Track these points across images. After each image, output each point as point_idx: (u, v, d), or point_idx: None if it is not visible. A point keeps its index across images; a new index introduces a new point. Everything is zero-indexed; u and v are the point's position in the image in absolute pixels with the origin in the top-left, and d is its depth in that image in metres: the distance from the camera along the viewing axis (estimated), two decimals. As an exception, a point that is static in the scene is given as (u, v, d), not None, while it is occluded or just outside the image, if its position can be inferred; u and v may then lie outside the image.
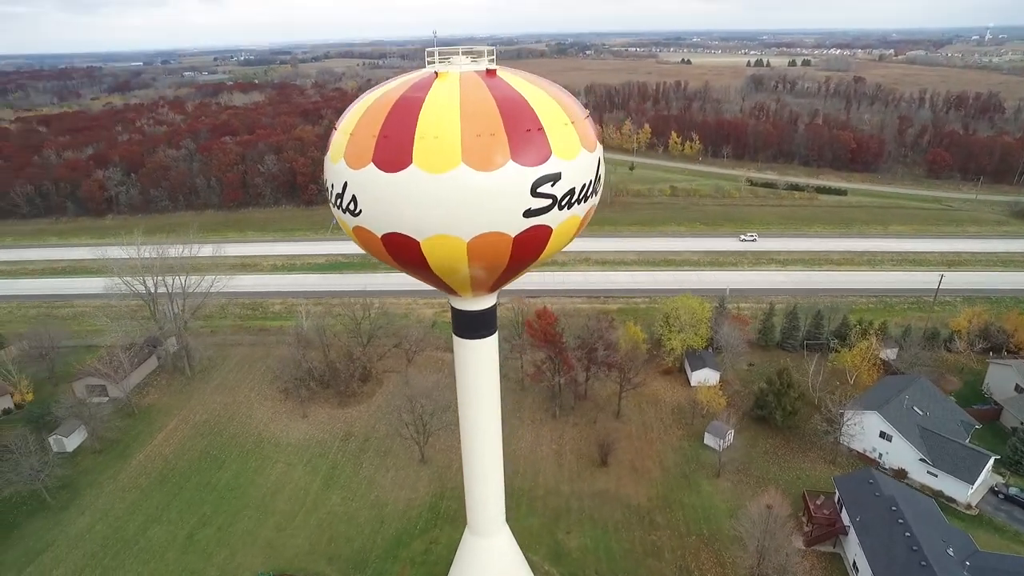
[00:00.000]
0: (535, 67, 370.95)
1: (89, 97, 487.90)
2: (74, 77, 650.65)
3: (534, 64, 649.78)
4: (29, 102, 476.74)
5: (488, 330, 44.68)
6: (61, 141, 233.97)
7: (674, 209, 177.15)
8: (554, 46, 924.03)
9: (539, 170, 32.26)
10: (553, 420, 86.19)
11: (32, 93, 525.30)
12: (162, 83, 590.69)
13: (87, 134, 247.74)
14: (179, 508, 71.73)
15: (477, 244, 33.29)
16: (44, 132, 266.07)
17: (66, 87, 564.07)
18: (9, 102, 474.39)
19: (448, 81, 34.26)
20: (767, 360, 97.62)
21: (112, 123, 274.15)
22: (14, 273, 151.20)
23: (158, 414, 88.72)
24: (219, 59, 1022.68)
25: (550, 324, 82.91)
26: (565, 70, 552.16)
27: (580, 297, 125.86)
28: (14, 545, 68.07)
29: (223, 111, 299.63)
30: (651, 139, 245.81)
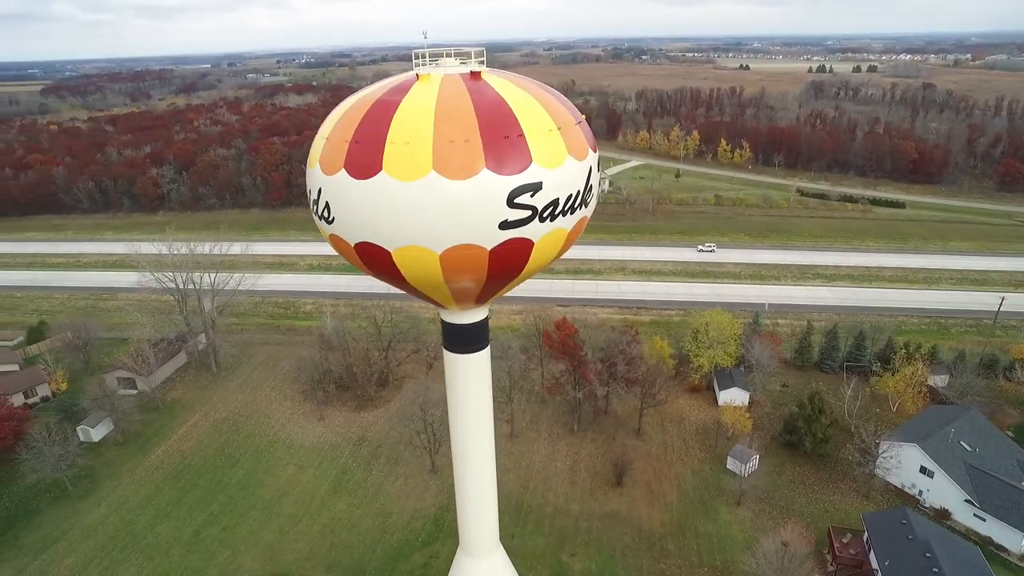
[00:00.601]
0: (588, 71, 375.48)
1: (157, 98, 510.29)
2: (147, 79, 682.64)
3: (587, 69, 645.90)
4: (105, 103, 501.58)
5: (479, 344, 42.77)
6: (123, 140, 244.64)
7: (718, 219, 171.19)
8: (610, 51, 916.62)
9: (517, 179, 30.08)
10: (571, 435, 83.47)
11: (108, 94, 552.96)
12: (226, 84, 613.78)
13: (148, 133, 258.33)
14: (189, 505, 72.34)
15: (451, 256, 31.34)
16: (110, 131, 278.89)
17: (139, 88, 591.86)
18: (87, 103, 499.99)
19: (428, 84, 32.49)
20: (803, 381, 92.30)
21: (172, 123, 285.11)
22: (70, 265, 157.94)
23: (181, 409, 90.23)
24: (281, 61, 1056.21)
25: (569, 335, 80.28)
26: (618, 75, 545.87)
27: (612, 307, 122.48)
28: (34, 531, 69.94)
29: (276, 112, 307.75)
30: (700, 146, 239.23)
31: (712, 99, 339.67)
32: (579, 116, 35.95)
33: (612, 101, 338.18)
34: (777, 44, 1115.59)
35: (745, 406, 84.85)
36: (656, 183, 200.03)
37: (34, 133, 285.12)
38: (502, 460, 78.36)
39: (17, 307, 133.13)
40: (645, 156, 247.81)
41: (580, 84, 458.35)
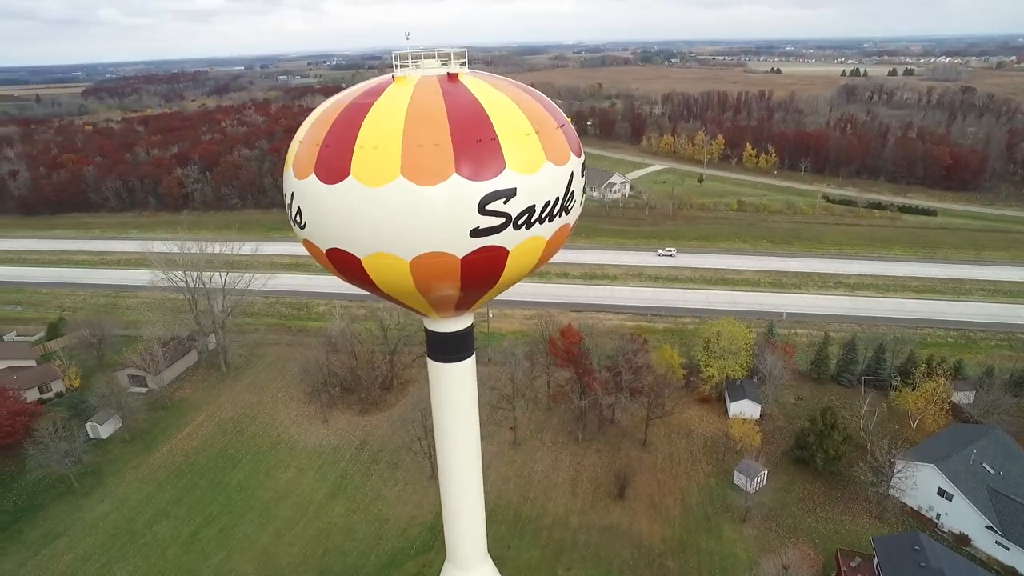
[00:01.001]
0: (616, 74, 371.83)
1: (190, 99, 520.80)
2: (181, 81, 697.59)
3: (616, 72, 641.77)
4: (140, 104, 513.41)
5: (464, 353, 41.66)
6: (152, 140, 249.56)
7: (739, 225, 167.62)
8: (639, 54, 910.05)
9: (489, 185, 28.82)
10: (575, 444, 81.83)
11: (144, 96, 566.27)
12: (257, 86, 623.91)
13: (176, 134, 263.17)
14: (189, 505, 72.53)
15: (421, 264, 30.23)
16: (141, 131, 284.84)
17: (173, 90, 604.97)
18: (123, 104, 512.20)
19: (403, 86, 31.48)
20: (819, 394, 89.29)
21: (200, 123, 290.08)
22: (95, 263, 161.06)
23: (188, 408, 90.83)
24: (312, 64, 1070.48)
25: (574, 343, 78.76)
26: (647, 78, 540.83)
27: (626, 314, 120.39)
28: (38, 525, 70.80)
29: (303, 112, 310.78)
30: (724, 151, 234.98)
31: (740, 103, 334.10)
32: (562, 119, 34.44)
33: (638, 104, 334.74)
34: (810, 47, 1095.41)
35: (756, 419, 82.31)
36: (678, 188, 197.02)
37: (70, 134, 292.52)
38: (503, 468, 77.69)
39: (42, 303, 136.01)
40: (669, 160, 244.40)
41: (607, 87, 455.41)
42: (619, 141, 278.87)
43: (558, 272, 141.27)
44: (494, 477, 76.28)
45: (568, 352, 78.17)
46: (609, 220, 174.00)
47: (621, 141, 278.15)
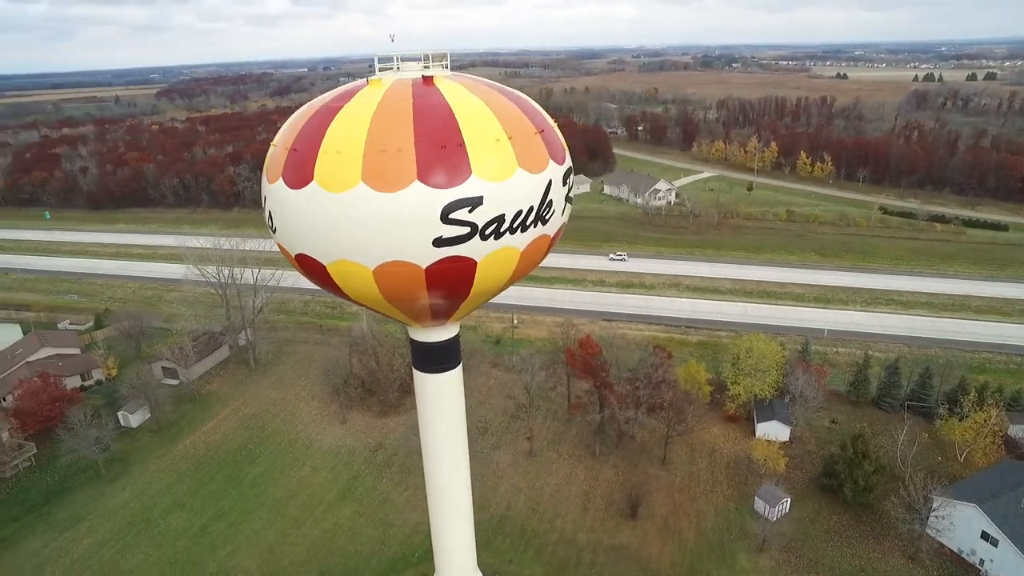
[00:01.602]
0: (673, 79, 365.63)
1: (253, 100, 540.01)
2: (247, 82, 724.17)
3: (673, 76, 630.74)
4: (207, 104, 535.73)
5: (449, 363, 40.48)
6: (210, 139, 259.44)
7: (787, 236, 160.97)
8: (699, 59, 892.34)
9: (453, 193, 27.51)
10: (592, 458, 79.51)
11: (211, 97, 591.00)
12: (318, 87, 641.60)
13: (233, 133, 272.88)
14: (204, 497, 73.87)
15: (384, 273, 29.24)
16: (201, 131, 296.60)
17: (238, 91, 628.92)
18: (191, 105, 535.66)
19: (376, 89, 30.62)
20: (856, 419, 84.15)
21: (257, 124, 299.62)
22: (148, 256, 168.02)
23: (215, 402, 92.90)
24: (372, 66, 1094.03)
25: (592, 355, 76.52)
26: (705, 83, 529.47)
27: (660, 325, 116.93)
28: (65, 508, 73.49)
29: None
30: (777, 158, 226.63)
31: (799, 109, 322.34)
32: (544, 124, 32.62)
33: (691, 110, 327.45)
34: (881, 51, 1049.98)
35: (785, 441, 78.14)
36: (726, 196, 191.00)
37: (138, 133, 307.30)
38: (516, 479, 76.14)
39: (96, 293, 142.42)
40: (719, 167, 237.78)
41: (663, 92, 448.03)
42: (670, 147, 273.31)
43: (594, 280, 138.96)
44: (505, 488, 74.95)
45: (586, 363, 76.00)
46: (651, 228, 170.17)
47: (672, 147, 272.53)
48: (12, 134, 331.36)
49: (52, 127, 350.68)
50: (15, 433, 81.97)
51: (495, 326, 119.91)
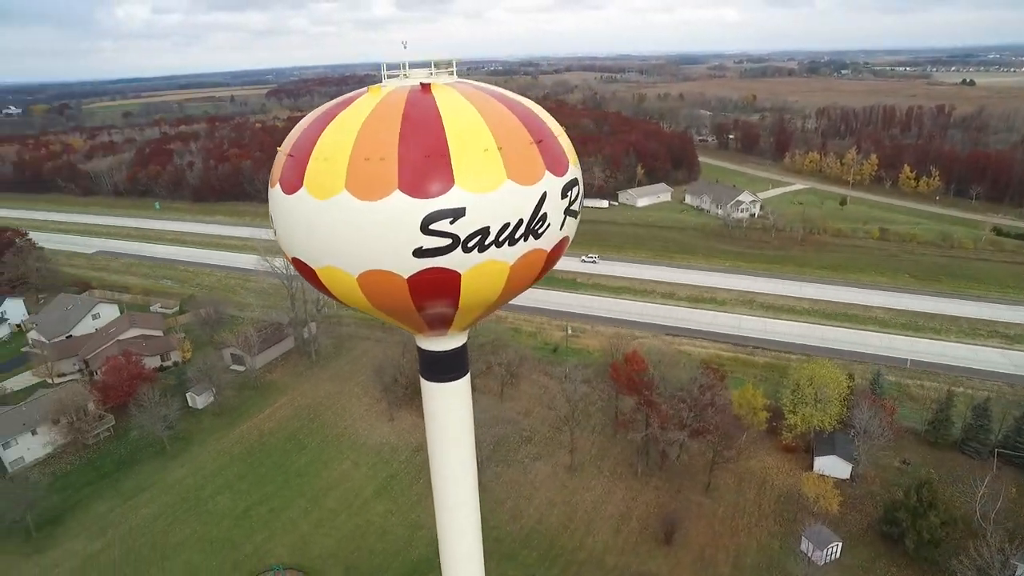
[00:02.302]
0: (775, 86, 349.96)
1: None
2: (349, 83, 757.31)
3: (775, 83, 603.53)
4: (311, 104, 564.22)
5: (453, 373, 39.77)
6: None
7: (879, 256, 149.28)
8: (805, 64, 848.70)
9: (434, 203, 26.77)
10: (634, 478, 76.79)
11: (315, 97, 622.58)
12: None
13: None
14: (251, 481, 77.29)
15: (367, 281, 29.05)
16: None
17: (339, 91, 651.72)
18: (296, 104, 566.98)
19: (372, 97, 30.51)
20: (934, 462, 76.55)
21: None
22: (237, 247, 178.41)
23: (274, 391, 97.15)
24: (471, 69, 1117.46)
25: (637, 370, 73.82)
26: (810, 90, 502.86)
27: (725, 343, 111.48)
28: (131, 478, 79.24)
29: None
30: (878, 171, 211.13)
31: (909, 118, 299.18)
32: (545, 135, 31.30)
33: (788, 118, 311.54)
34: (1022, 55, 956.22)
35: (844, 479, 72.31)
36: (815, 210, 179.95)
37: (242, 131, 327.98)
38: (552, 492, 74.70)
39: (187, 280, 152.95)
40: (812, 180, 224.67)
41: (762, 99, 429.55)
42: (761, 157, 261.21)
43: (663, 292, 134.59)
44: (540, 500, 73.73)
45: (631, 379, 73.43)
46: (730, 241, 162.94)
47: (763, 157, 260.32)
48: (139, 131, 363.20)
49: (172, 125, 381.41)
50: (99, 405, 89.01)
51: (555, 334, 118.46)
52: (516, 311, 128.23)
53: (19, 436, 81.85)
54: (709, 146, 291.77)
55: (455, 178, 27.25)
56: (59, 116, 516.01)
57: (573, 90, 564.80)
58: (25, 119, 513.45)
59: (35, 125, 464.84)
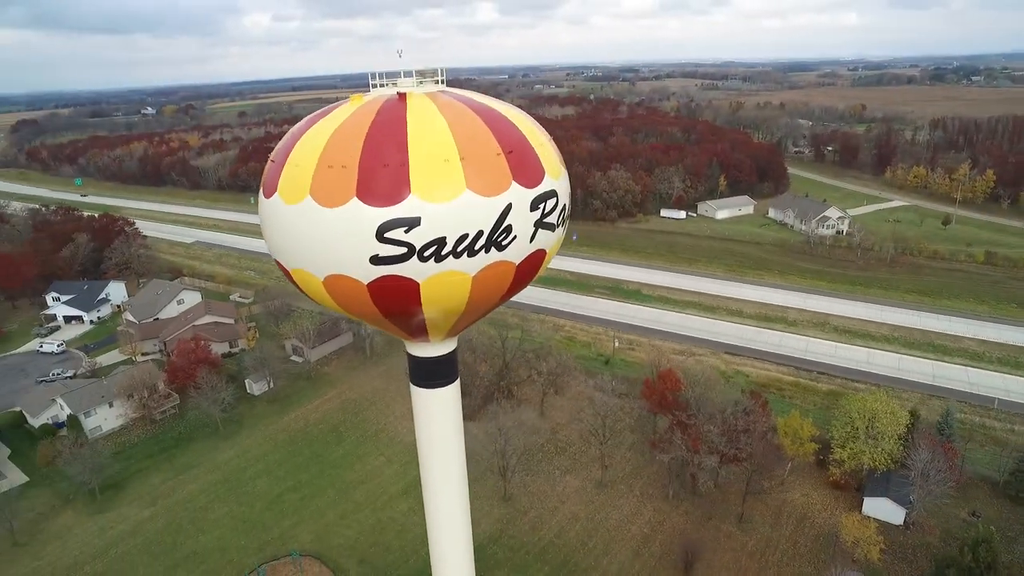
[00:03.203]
0: (890, 95, 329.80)
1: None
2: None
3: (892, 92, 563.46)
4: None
5: (442, 379, 40.19)
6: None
7: (981, 281, 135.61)
8: (929, 71, 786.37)
9: (389, 212, 27.35)
10: (664, 500, 73.86)
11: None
12: (513, 93, 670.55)
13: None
14: (288, 468, 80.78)
15: (332, 285, 30.05)
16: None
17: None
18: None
19: (351, 106, 31.47)
20: (1012, 519, 68.63)
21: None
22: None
23: (325, 383, 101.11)
24: (571, 74, 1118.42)
25: (671, 389, 70.93)
26: (928, 100, 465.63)
27: (788, 367, 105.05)
28: (184, 454, 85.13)
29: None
30: (994, 189, 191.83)
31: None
32: (518, 146, 30.87)
33: (897, 129, 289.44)
34: None
35: (897, 525, 66.20)
36: (914, 229, 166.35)
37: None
38: (576, 507, 73.30)
39: (268, 272, 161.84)
40: (915, 196, 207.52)
41: (873, 108, 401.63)
42: (860, 170, 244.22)
43: (730, 309, 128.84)
44: (563, 514, 72.45)
45: (663, 398, 70.67)
46: (811, 258, 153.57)
47: (863, 171, 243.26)
48: (246, 130, 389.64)
49: (276, 124, 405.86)
50: (167, 385, 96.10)
51: (611, 345, 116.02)
52: (574, 319, 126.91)
53: (98, 407, 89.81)
54: (804, 158, 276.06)
55: (411, 187, 27.55)
56: (184, 116, 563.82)
57: (670, 97, 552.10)
58: (157, 119, 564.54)
59: (164, 124, 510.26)
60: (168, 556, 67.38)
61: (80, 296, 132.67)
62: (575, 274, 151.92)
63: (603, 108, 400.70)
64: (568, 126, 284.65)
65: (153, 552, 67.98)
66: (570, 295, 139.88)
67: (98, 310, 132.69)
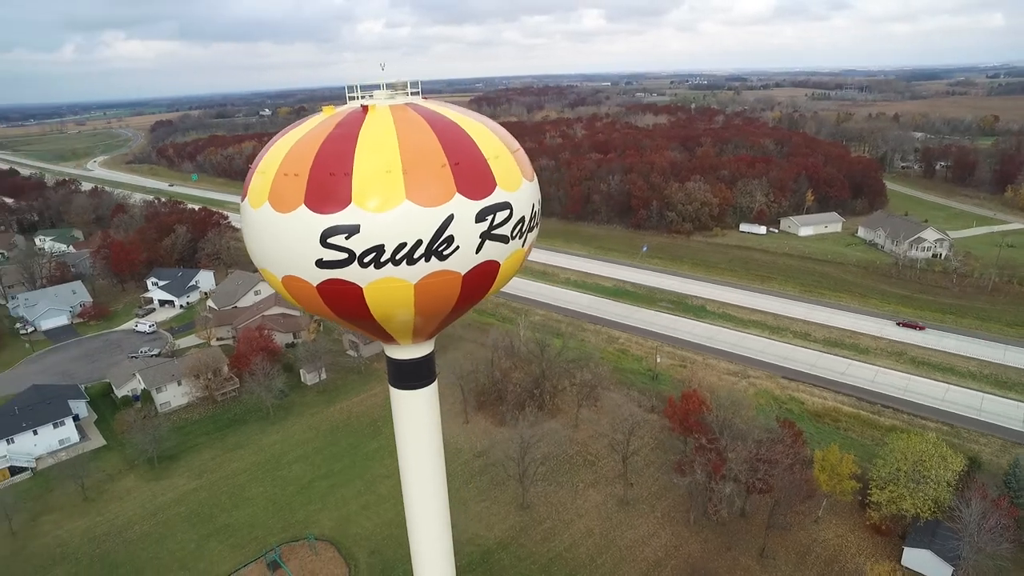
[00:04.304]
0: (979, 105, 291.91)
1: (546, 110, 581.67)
2: (548, 94, 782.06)
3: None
4: (508, 112, 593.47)
5: (419, 381, 41.55)
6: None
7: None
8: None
9: (331, 219, 29.10)
10: (684, 525, 71.30)
11: (513, 105, 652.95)
12: (613, 101, 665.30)
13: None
14: (324, 456, 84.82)
15: (288, 284, 32.21)
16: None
17: (536, 102, 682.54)
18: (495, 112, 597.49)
19: (320, 117, 33.54)
20: (1077, 585, 60.93)
21: (532, 133, 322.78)
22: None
23: (374, 378, 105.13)
24: (675, 82, 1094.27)
25: (694, 410, 68.36)
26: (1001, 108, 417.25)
27: (850, 397, 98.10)
28: (235, 434, 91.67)
29: (623, 130, 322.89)
30: None
31: None
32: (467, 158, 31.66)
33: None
34: None
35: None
36: (1014, 254, 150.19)
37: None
38: (593, 522, 72.54)
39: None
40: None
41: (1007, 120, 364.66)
42: (976, 188, 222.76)
43: (797, 331, 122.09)
44: (578, 528, 71.66)
45: (685, 419, 68.26)
46: (898, 282, 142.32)
47: (979, 188, 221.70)
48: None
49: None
50: (230, 369, 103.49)
51: (664, 360, 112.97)
52: (629, 332, 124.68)
53: (168, 384, 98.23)
54: (912, 174, 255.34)
55: (352, 197, 29.17)
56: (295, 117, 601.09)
57: (774, 107, 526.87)
58: (271, 120, 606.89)
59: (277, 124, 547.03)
60: (204, 526, 72.82)
61: (174, 282, 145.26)
62: (639, 286, 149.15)
63: (698, 118, 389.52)
64: (656, 135, 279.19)
65: (192, 521, 73.70)
66: (631, 307, 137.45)
67: (188, 296, 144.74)
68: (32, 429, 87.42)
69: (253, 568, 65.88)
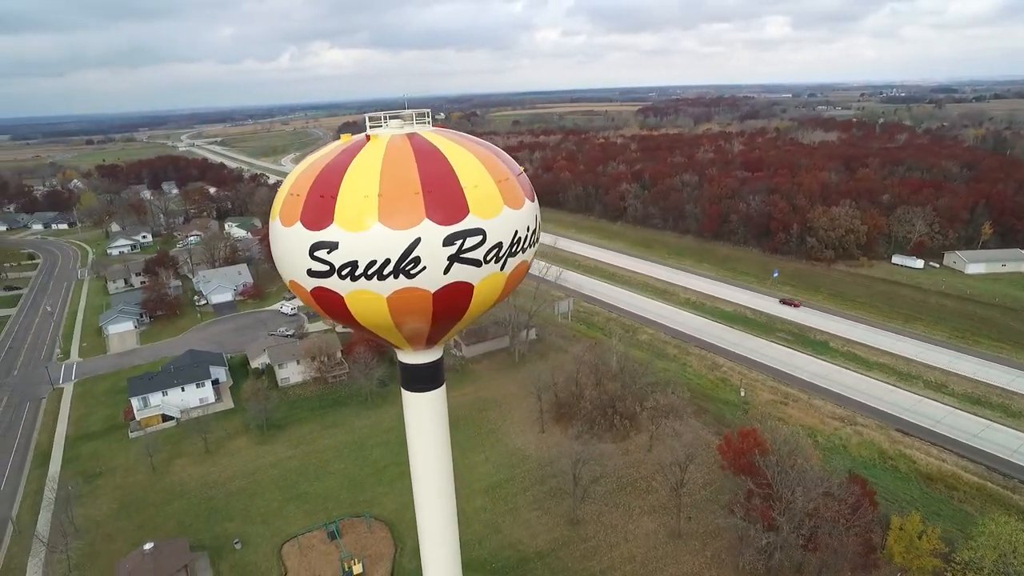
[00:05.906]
0: None
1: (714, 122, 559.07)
2: (719, 105, 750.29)
3: None
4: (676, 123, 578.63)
5: (427, 384, 45.30)
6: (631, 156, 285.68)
7: None
8: None
9: (317, 235, 34.17)
10: (732, 568, 67.59)
11: (680, 117, 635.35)
12: (790, 114, 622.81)
13: (651, 154, 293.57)
14: (402, 445, 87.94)
15: (293, 287, 37.83)
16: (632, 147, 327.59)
17: (705, 113, 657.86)
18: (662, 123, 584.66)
19: (338, 144, 38.80)
20: None
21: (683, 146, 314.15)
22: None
23: (469, 379, 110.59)
24: (866, 94, 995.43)
25: (749, 450, 64.71)
26: None
27: (978, 463, 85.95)
28: (335, 414, 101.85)
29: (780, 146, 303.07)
30: None
31: None
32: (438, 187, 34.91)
33: None
34: None
35: None
36: None
37: (583, 145, 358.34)
38: (636, 549, 72.43)
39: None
40: None
41: None
42: None
43: (931, 381, 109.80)
44: (620, 552, 71.13)
45: (739, 458, 64.89)
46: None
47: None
48: (505, 138, 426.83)
49: (534, 134, 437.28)
50: (343, 354, 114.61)
51: (763, 395, 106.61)
52: (734, 360, 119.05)
53: (288, 362, 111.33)
54: None
55: (335, 217, 34.15)
56: (466, 121, 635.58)
57: (982, 123, 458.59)
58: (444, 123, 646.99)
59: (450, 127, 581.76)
60: (287, 491, 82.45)
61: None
62: (759, 313, 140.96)
63: (875, 136, 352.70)
64: (816, 154, 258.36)
65: (279, 485, 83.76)
66: (744, 334, 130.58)
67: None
68: (181, 386, 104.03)
69: (316, 534, 73.70)
